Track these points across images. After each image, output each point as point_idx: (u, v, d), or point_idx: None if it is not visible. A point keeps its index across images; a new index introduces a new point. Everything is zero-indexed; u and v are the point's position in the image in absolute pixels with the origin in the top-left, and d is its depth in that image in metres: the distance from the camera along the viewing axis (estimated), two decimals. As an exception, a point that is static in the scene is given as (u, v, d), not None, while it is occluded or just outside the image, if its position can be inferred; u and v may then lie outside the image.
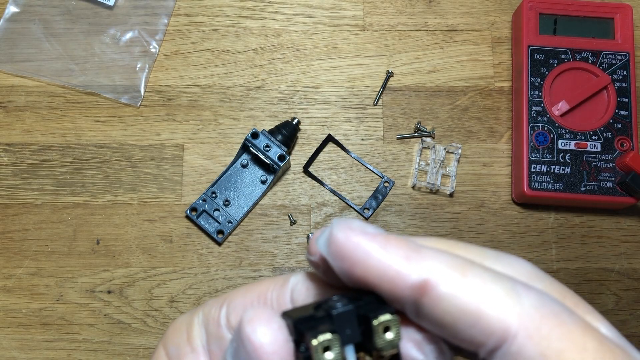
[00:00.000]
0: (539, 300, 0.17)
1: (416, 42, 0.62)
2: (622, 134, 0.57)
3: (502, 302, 0.17)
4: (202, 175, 0.59)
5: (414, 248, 0.18)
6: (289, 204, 0.58)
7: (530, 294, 0.18)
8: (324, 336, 0.17)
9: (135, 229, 0.57)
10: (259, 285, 0.22)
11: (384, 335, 0.18)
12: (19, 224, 0.57)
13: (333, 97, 0.61)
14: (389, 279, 0.18)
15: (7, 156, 0.59)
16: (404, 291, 0.18)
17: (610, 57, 0.59)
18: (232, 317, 0.22)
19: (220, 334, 0.22)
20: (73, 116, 0.60)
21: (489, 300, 0.17)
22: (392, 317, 0.18)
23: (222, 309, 0.22)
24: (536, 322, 0.17)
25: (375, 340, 0.18)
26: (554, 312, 0.17)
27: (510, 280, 0.18)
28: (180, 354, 0.22)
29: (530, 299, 0.17)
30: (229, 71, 0.61)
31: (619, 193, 0.56)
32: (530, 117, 0.57)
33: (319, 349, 0.17)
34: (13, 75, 0.60)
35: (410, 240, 0.19)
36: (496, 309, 0.17)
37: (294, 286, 0.21)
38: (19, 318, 0.55)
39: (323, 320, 0.18)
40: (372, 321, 0.18)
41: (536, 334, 0.17)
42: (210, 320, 0.22)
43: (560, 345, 0.17)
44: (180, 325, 0.23)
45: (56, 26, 0.61)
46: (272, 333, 0.18)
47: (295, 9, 0.63)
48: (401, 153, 0.60)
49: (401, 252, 0.18)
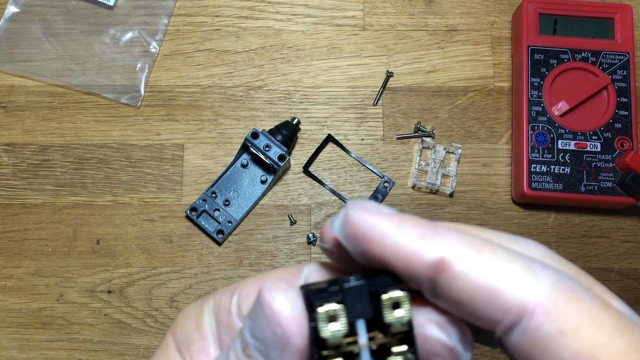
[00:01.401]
0: (555, 278, 0.17)
1: (416, 42, 0.62)
2: (622, 134, 0.57)
3: (519, 279, 0.17)
4: (202, 175, 0.59)
5: (430, 227, 0.18)
6: (289, 204, 0.59)
7: (547, 271, 0.18)
8: (330, 305, 0.17)
9: (136, 229, 0.57)
10: (271, 274, 0.22)
11: (393, 312, 0.18)
12: (19, 224, 0.57)
13: (333, 97, 0.61)
14: (405, 258, 0.18)
15: (7, 156, 0.59)
16: (420, 269, 0.18)
17: (610, 57, 0.59)
18: (243, 306, 0.22)
19: (231, 322, 0.22)
20: (73, 116, 0.60)
21: (506, 278, 0.17)
22: (403, 293, 0.18)
23: (233, 298, 0.22)
24: (553, 299, 0.17)
25: (384, 315, 0.18)
26: (571, 289, 0.17)
27: (527, 258, 0.18)
28: (189, 341, 0.22)
29: (547, 276, 0.17)
30: (229, 71, 0.61)
31: (618, 193, 0.56)
32: (530, 117, 0.57)
33: (324, 318, 0.17)
34: (13, 75, 0.60)
35: (426, 220, 0.19)
36: (513, 286, 0.17)
37: (307, 275, 0.21)
38: (19, 318, 0.55)
39: (335, 293, 0.18)
40: (381, 296, 0.18)
41: (554, 311, 0.17)
42: (221, 308, 0.22)
43: (578, 321, 0.17)
44: (190, 313, 0.23)
45: (56, 26, 0.61)
46: (290, 300, 0.18)
47: (295, 9, 0.63)
48: (401, 153, 0.60)
49: (417, 230, 0.18)
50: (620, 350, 0.17)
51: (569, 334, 0.17)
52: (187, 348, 0.22)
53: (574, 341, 0.17)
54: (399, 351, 0.18)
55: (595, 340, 0.17)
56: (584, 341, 0.17)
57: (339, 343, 0.18)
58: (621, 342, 0.17)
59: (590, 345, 0.17)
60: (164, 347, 0.23)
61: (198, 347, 0.22)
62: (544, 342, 0.17)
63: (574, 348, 0.17)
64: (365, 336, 0.18)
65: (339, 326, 0.18)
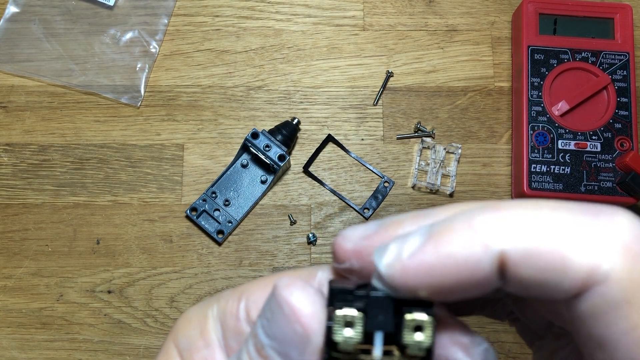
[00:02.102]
0: (629, 232, 0.15)
1: (416, 42, 0.62)
2: (622, 134, 0.57)
3: (588, 240, 0.15)
4: (202, 175, 0.59)
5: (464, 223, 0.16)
6: (289, 204, 0.59)
7: (615, 221, 0.16)
8: (349, 311, 0.17)
9: (136, 229, 0.57)
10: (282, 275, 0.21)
11: (413, 334, 0.17)
12: (19, 224, 0.57)
13: (333, 97, 0.61)
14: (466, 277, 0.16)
15: (7, 156, 0.59)
16: (483, 278, 0.16)
17: (610, 57, 0.59)
18: (252, 312, 0.21)
19: (239, 328, 0.21)
20: (73, 116, 0.60)
21: (573, 245, 0.15)
22: (428, 318, 0.17)
23: (241, 303, 0.21)
24: (629, 263, 0.15)
25: (403, 335, 0.17)
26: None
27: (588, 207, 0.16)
28: (192, 348, 0.21)
29: (618, 232, 0.15)
30: (229, 71, 0.61)
31: (619, 193, 0.56)
32: (530, 117, 0.57)
33: (340, 322, 0.17)
34: (13, 75, 0.60)
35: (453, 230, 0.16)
36: (583, 253, 0.15)
37: (321, 280, 0.20)
38: (19, 318, 0.55)
39: (359, 299, 0.17)
40: (404, 315, 0.17)
41: (627, 277, 0.15)
42: (228, 314, 0.21)
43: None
44: (192, 318, 0.22)
45: (56, 26, 0.61)
46: (309, 296, 0.17)
47: (295, 9, 0.63)
48: (401, 153, 0.60)
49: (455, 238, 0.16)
50: None
51: (635, 305, 0.15)
52: (190, 355, 0.21)
53: (636, 314, 0.15)
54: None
55: None
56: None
57: (350, 350, 0.17)
58: None
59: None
60: (165, 354, 0.22)
61: (203, 355, 0.21)
62: (603, 309, 0.15)
63: (634, 321, 0.15)
64: (381, 349, 0.17)
65: (353, 333, 0.17)
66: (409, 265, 0.16)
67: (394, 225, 0.19)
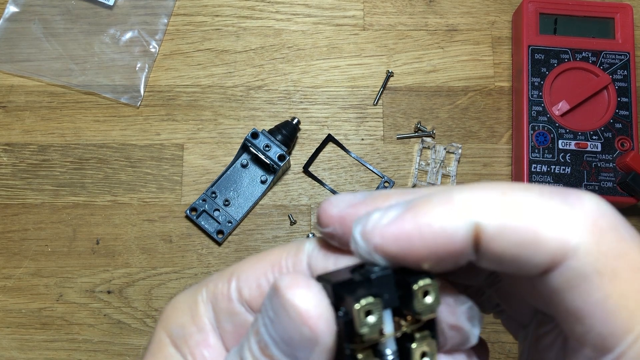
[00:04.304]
0: (597, 210, 0.16)
1: (416, 42, 0.62)
2: (623, 134, 0.57)
3: (557, 220, 0.16)
4: (202, 175, 0.59)
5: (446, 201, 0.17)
6: (289, 204, 0.58)
7: (583, 202, 0.17)
8: (367, 300, 0.17)
9: (135, 229, 0.57)
10: (269, 255, 0.21)
11: (424, 300, 0.18)
12: (19, 224, 0.57)
13: (333, 97, 0.61)
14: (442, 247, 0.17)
15: (6, 156, 0.59)
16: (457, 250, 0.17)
17: (611, 57, 0.59)
18: (244, 291, 0.21)
19: (232, 309, 0.21)
20: (73, 116, 0.60)
21: (544, 223, 0.16)
22: (432, 281, 0.18)
23: (232, 283, 0.21)
24: (596, 237, 0.16)
25: (415, 304, 0.17)
26: (613, 225, 0.16)
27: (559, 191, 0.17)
28: (185, 334, 0.21)
29: (585, 210, 0.16)
30: (228, 71, 0.61)
31: (619, 193, 0.56)
32: (530, 117, 0.57)
33: (361, 313, 0.17)
34: (13, 75, 0.60)
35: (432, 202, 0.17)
36: (553, 227, 0.16)
37: (309, 252, 0.21)
38: (19, 318, 0.55)
39: (362, 284, 0.18)
40: (412, 286, 0.17)
41: (595, 250, 0.16)
42: (219, 296, 0.21)
43: (616, 263, 0.16)
44: (181, 305, 0.22)
45: (56, 26, 0.61)
46: (315, 296, 0.17)
47: (295, 9, 0.63)
48: (401, 153, 0.60)
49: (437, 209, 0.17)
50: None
51: (605, 276, 0.16)
52: (184, 342, 0.21)
53: (608, 284, 0.16)
54: (421, 336, 0.18)
55: (628, 286, 0.16)
56: (617, 285, 0.16)
57: (376, 336, 0.17)
58: None
59: (622, 290, 0.16)
60: (158, 345, 0.21)
61: (196, 340, 0.21)
62: (576, 281, 0.16)
63: (607, 291, 0.16)
64: (392, 325, 0.18)
65: (375, 319, 0.17)
66: (387, 231, 0.17)
67: (381, 197, 0.19)
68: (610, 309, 0.16)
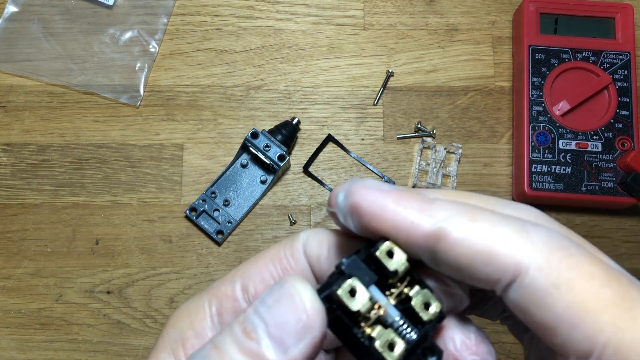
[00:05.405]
0: (547, 236, 0.18)
1: (416, 42, 0.62)
2: (623, 134, 0.57)
3: (512, 240, 0.18)
4: (201, 175, 0.59)
5: (427, 200, 0.19)
6: (288, 204, 0.58)
7: (538, 230, 0.19)
8: (345, 283, 0.19)
9: (135, 229, 0.57)
10: (268, 251, 0.23)
11: (392, 260, 0.19)
12: (18, 224, 0.57)
13: (333, 97, 0.61)
14: (404, 230, 0.19)
15: (6, 156, 0.59)
16: (419, 240, 0.19)
17: (611, 57, 0.59)
18: (250, 288, 0.22)
19: (237, 307, 0.22)
20: (72, 116, 0.60)
21: (500, 240, 0.18)
22: (388, 242, 0.19)
23: (236, 284, 0.22)
24: (546, 255, 0.18)
25: (387, 267, 0.19)
26: (563, 246, 0.18)
27: (519, 220, 0.19)
28: (183, 338, 0.22)
29: (539, 235, 0.18)
30: (228, 71, 0.61)
31: (619, 193, 0.56)
32: (531, 116, 0.57)
33: (346, 294, 0.18)
34: (12, 75, 0.60)
35: (423, 194, 0.20)
36: (507, 246, 0.18)
37: (304, 241, 0.22)
38: (18, 318, 0.55)
39: (338, 278, 0.19)
40: (374, 254, 0.19)
41: (546, 266, 0.18)
42: (223, 297, 0.22)
43: (570, 275, 0.18)
44: (182, 312, 0.23)
45: (55, 26, 0.61)
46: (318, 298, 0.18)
47: (295, 9, 0.63)
48: (401, 153, 0.60)
49: (415, 204, 0.19)
50: (609, 299, 0.17)
51: (561, 287, 0.18)
52: (181, 346, 0.22)
53: (566, 293, 0.17)
54: (415, 292, 0.20)
55: (586, 292, 0.17)
56: (576, 293, 0.17)
57: (369, 310, 0.19)
58: (610, 291, 0.17)
59: (581, 297, 0.17)
60: (156, 349, 0.22)
61: (192, 344, 0.22)
62: (538, 296, 0.18)
63: (567, 300, 0.17)
64: (383, 296, 0.20)
65: (362, 294, 0.19)
66: (367, 195, 0.19)
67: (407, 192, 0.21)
68: (575, 316, 0.17)
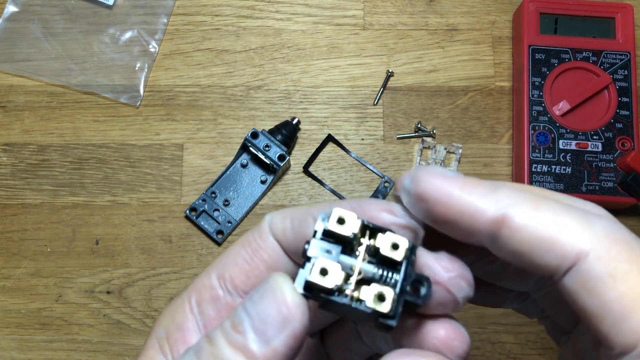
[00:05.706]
0: (610, 227, 0.19)
1: (416, 42, 0.62)
2: (623, 134, 0.57)
3: (574, 228, 0.19)
4: (201, 175, 0.59)
5: (491, 187, 0.20)
6: (289, 204, 0.58)
7: (601, 221, 0.19)
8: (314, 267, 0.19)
9: (135, 229, 0.57)
10: (239, 240, 0.24)
11: (344, 225, 0.20)
12: (18, 224, 0.57)
13: (333, 97, 0.61)
14: (469, 215, 0.19)
15: (6, 156, 0.59)
16: (483, 225, 0.19)
17: (611, 57, 0.59)
18: (225, 274, 0.23)
19: (215, 295, 0.23)
20: (72, 116, 0.60)
21: (562, 228, 0.19)
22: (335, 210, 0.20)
23: (212, 274, 0.23)
24: (607, 245, 0.18)
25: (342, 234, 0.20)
26: (625, 239, 0.19)
27: (582, 210, 0.19)
28: (168, 333, 0.23)
29: (601, 225, 0.19)
30: (228, 71, 0.61)
31: (620, 193, 0.56)
32: (531, 116, 0.57)
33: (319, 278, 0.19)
34: (12, 75, 0.60)
35: (488, 181, 0.20)
36: (569, 235, 0.18)
37: (269, 221, 0.24)
38: (18, 318, 0.55)
39: (306, 264, 0.20)
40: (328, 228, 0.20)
41: (606, 256, 0.18)
42: (202, 289, 0.23)
43: (628, 267, 0.18)
44: (167, 310, 0.24)
45: (55, 26, 0.61)
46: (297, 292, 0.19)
47: (295, 9, 0.63)
48: (401, 153, 0.60)
49: (479, 190, 0.20)
50: None
51: (617, 277, 0.18)
52: (166, 341, 0.23)
53: (621, 284, 0.18)
54: (379, 240, 0.20)
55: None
56: (631, 285, 0.18)
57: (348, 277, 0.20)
58: None
59: (636, 290, 0.18)
60: (145, 346, 0.24)
61: (175, 337, 0.23)
62: (593, 283, 0.18)
63: (621, 291, 0.18)
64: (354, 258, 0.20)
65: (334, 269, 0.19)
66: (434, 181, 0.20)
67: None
68: (626, 308, 0.18)
